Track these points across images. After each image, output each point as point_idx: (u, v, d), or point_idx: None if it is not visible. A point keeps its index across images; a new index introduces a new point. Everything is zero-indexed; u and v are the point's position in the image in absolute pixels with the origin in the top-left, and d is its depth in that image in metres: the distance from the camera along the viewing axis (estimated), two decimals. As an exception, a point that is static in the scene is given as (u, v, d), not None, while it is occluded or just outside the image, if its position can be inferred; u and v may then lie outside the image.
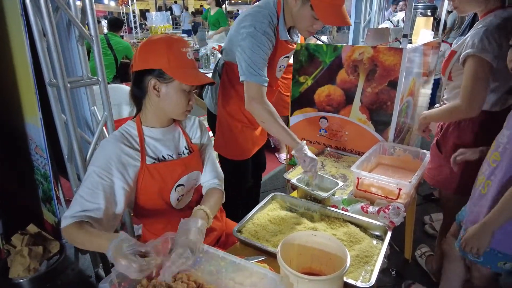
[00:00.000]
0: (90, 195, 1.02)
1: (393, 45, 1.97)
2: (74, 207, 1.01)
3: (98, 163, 1.06)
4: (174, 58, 1.08)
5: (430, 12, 3.09)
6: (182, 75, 1.09)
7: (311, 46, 2.02)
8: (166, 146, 1.21)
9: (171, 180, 1.19)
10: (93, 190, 1.03)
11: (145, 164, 1.13)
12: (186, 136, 1.28)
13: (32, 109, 1.85)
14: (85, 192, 1.03)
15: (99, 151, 1.11)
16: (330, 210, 1.34)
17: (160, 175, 1.16)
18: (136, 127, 1.17)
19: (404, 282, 1.92)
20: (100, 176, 1.04)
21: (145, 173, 1.14)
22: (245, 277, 0.90)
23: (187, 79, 1.10)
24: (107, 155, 1.08)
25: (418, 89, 2.42)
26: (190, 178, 1.25)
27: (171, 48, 1.08)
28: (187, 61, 1.11)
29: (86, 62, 1.59)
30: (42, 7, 1.30)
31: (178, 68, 1.09)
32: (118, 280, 0.86)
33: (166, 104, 1.13)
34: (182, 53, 1.10)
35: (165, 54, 1.07)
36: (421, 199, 2.80)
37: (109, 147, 1.10)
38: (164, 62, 1.07)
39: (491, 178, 1.25)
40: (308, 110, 2.15)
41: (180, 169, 1.21)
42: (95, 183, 1.04)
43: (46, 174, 1.97)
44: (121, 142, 1.11)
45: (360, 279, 1.02)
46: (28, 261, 1.82)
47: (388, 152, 1.83)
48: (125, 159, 1.09)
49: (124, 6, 13.06)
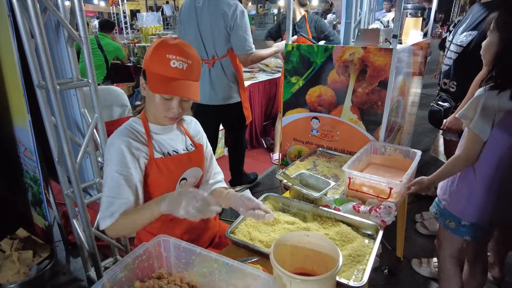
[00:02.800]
0: (117, 193, 1.07)
1: (383, 45, 1.98)
2: (108, 207, 1.07)
3: (113, 160, 1.09)
4: (156, 62, 1.07)
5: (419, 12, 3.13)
6: (155, 82, 1.07)
7: (302, 47, 2.03)
8: (171, 143, 1.24)
9: (177, 174, 1.22)
10: (118, 187, 1.08)
11: (154, 158, 1.16)
12: (188, 135, 1.32)
13: (20, 112, 1.82)
14: (111, 191, 1.08)
15: (110, 149, 1.12)
16: (322, 210, 1.34)
17: (168, 169, 1.19)
18: (142, 123, 1.19)
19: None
20: (119, 172, 1.08)
21: (153, 166, 1.16)
22: (238, 279, 0.90)
23: (158, 88, 1.07)
24: (119, 150, 1.10)
25: (408, 88, 2.45)
26: (192, 173, 1.28)
27: (157, 51, 1.07)
28: (169, 68, 1.06)
29: (76, 63, 1.57)
30: (30, 8, 1.28)
31: (156, 73, 1.07)
32: (110, 284, 0.85)
33: (149, 104, 1.16)
34: (166, 59, 1.05)
35: (151, 55, 1.08)
36: (412, 198, 2.83)
37: (118, 143, 1.11)
38: (147, 64, 1.09)
39: None
40: (300, 111, 2.16)
41: (184, 162, 1.24)
42: (117, 179, 1.08)
43: (35, 177, 1.95)
44: (129, 136, 1.13)
45: (352, 278, 1.03)
46: (17, 266, 1.79)
47: (379, 152, 1.85)
48: (135, 153, 1.12)
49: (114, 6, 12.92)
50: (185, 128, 1.32)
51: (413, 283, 1.97)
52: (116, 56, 4.39)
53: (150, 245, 0.95)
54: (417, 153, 1.73)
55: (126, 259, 0.91)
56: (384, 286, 1.95)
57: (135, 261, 0.92)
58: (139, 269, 0.93)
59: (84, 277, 1.94)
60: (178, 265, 0.98)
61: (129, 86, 4.32)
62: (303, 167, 1.81)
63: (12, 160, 2.07)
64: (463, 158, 1.39)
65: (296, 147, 2.26)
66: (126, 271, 0.90)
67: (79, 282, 1.97)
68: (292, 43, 2.08)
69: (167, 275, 0.96)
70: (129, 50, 4.94)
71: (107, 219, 1.07)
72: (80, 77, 1.59)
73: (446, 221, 1.52)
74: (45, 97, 1.45)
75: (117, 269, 0.87)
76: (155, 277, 0.95)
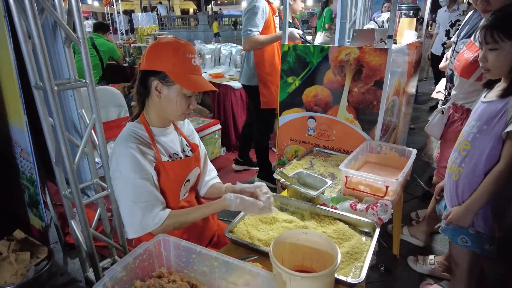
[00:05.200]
0: (146, 197, 1.11)
1: (378, 45, 2.01)
2: (145, 215, 1.10)
3: (130, 169, 1.10)
4: (179, 63, 1.10)
5: (413, 13, 3.16)
6: (184, 81, 1.11)
7: (298, 47, 2.04)
8: (171, 145, 1.26)
9: (182, 176, 1.26)
10: (149, 191, 1.11)
11: (161, 162, 1.18)
12: (183, 135, 1.35)
13: (17, 113, 1.82)
14: (140, 197, 1.10)
15: (119, 158, 1.12)
16: (320, 209, 1.36)
17: (174, 172, 1.21)
18: (145, 128, 1.20)
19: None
20: (142, 178, 1.11)
21: (161, 170, 1.18)
22: (238, 277, 0.91)
23: (188, 85, 1.12)
24: (132, 157, 1.11)
25: (403, 88, 2.48)
26: (194, 173, 1.32)
27: (177, 53, 1.10)
28: (191, 66, 1.13)
29: (73, 64, 1.57)
30: (27, 9, 1.28)
31: (181, 73, 1.11)
32: (111, 283, 0.86)
33: (166, 106, 1.17)
34: (187, 59, 1.12)
35: (171, 58, 1.10)
36: (408, 196, 2.86)
37: (128, 150, 1.12)
38: (169, 66, 1.10)
39: (462, 166, 1.37)
40: (296, 110, 2.18)
41: (189, 165, 1.28)
42: (141, 185, 1.10)
43: (32, 179, 1.94)
44: (135, 142, 1.14)
45: (350, 275, 1.04)
46: (15, 267, 1.79)
47: (375, 151, 1.87)
48: (148, 157, 1.14)
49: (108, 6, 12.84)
50: (179, 128, 1.34)
51: (409, 280, 2.00)
52: (111, 56, 4.37)
53: (150, 244, 0.95)
54: (412, 151, 1.75)
55: (126, 258, 0.91)
56: (381, 284, 1.97)
57: (135, 260, 0.92)
58: (139, 268, 0.94)
59: (82, 278, 1.94)
60: (178, 264, 0.99)
61: (124, 87, 4.32)
62: (300, 166, 1.82)
63: (8, 162, 2.06)
64: (509, 170, 1.22)
65: (292, 146, 2.28)
66: (127, 270, 0.90)
67: (77, 283, 1.96)
68: (288, 44, 2.10)
69: (168, 274, 0.97)
70: (125, 50, 4.92)
71: (150, 226, 1.11)
72: (77, 78, 1.59)
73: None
74: (43, 98, 1.45)
75: (118, 269, 0.87)
76: (156, 276, 0.96)
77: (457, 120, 1.92)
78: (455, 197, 1.41)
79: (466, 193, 1.35)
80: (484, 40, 1.23)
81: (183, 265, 0.98)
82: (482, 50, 1.27)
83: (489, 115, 1.26)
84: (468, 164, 1.34)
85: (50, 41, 1.93)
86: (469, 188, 1.34)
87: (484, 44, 1.24)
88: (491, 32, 1.20)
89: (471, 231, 1.38)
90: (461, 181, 1.38)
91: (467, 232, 1.39)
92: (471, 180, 1.33)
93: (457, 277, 1.56)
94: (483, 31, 1.23)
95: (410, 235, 2.31)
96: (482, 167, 1.29)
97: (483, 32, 1.23)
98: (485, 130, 1.27)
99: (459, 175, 1.38)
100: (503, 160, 1.23)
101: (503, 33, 1.18)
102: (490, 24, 1.21)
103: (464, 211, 1.34)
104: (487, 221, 1.34)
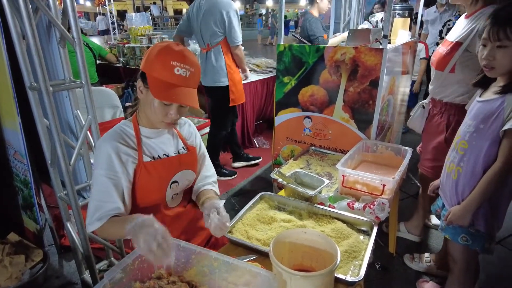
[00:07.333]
0: (105, 197, 1.08)
1: (373, 45, 2.02)
2: (94, 212, 1.07)
3: (101, 165, 1.10)
4: (159, 67, 1.06)
5: (407, 13, 3.18)
6: (157, 88, 1.06)
7: (294, 47, 2.05)
8: (162, 146, 1.23)
9: (167, 177, 1.22)
10: (106, 191, 1.08)
11: (142, 162, 1.15)
12: (181, 137, 1.31)
13: (10, 114, 1.79)
14: (99, 195, 1.09)
15: (98, 153, 1.12)
16: (317, 208, 1.37)
17: (157, 172, 1.18)
18: (133, 126, 1.18)
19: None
20: (107, 177, 1.09)
21: (142, 170, 1.15)
22: (238, 277, 0.91)
23: (157, 91, 1.06)
24: (107, 154, 1.10)
25: (398, 87, 2.50)
26: (184, 175, 1.27)
27: (160, 57, 1.06)
28: (171, 74, 1.05)
29: (68, 64, 1.55)
30: (22, 8, 1.26)
31: (157, 77, 1.06)
32: (111, 285, 0.85)
33: (146, 109, 1.15)
34: (170, 65, 1.05)
35: (153, 61, 1.07)
36: (403, 195, 2.88)
37: (106, 147, 1.11)
38: (148, 68, 1.08)
39: (460, 165, 1.38)
40: (292, 110, 2.19)
41: (174, 165, 1.23)
42: (105, 184, 1.08)
43: (26, 181, 1.92)
44: (117, 141, 1.13)
45: (349, 274, 1.05)
46: (10, 270, 1.76)
47: (371, 150, 1.88)
48: (124, 157, 1.12)
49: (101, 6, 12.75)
50: (178, 130, 1.31)
51: (405, 278, 2.01)
52: (100, 54, 4.27)
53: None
54: (408, 150, 1.76)
55: (126, 260, 0.91)
56: (378, 282, 1.98)
57: (135, 261, 0.92)
58: (138, 269, 0.94)
59: (78, 280, 1.92)
60: (178, 265, 0.98)
61: (118, 87, 4.28)
62: (297, 166, 1.83)
63: (1, 163, 2.03)
64: (506, 168, 1.22)
65: (289, 146, 2.28)
66: (126, 272, 0.90)
67: (73, 285, 1.94)
68: (284, 44, 2.10)
69: (167, 275, 0.97)
70: (118, 51, 4.88)
71: (95, 222, 1.07)
72: (72, 78, 1.57)
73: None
74: (37, 99, 1.43)
75: (117, 270, 0.87)
76: (155, 278, 0.95)
77: (436, 114, 1.94)
78: (455, 197, 1.41)
79: (466, 192, 1.36)
80: (496, 37, 1.17)
81: (182, 265, 0.98)
82: (486, 47, 1.22)
83: (486, 114, 1.27)
84: (467, 163, 1.35)
85: (44, 41, 1.90)
86: (469, 187, 1.35)
87: (494, 41, 1.18)
88: (504, 29, 1.15)
89: (471, 230, 1.38)
90: (461, 180, 1.38)
91: (467, 231, 1.39)
92: (470, 178, 1.34)
93: (455, 273, 1.58)
94: (494, 27, 1.17)
95: (407, 231, 2.33)
96: (480, 165, 1.30)
97: (495, 29, 1.17)
98: (482, 129, 1.28)
99: (458, 174, 1.39)
100: (500, 158, 1.24)
101: (506, 34, 1.15)
102: (502, 20, 1.16)
103: (463, 211, 1.34)
104: (487, 220, 1.35)
